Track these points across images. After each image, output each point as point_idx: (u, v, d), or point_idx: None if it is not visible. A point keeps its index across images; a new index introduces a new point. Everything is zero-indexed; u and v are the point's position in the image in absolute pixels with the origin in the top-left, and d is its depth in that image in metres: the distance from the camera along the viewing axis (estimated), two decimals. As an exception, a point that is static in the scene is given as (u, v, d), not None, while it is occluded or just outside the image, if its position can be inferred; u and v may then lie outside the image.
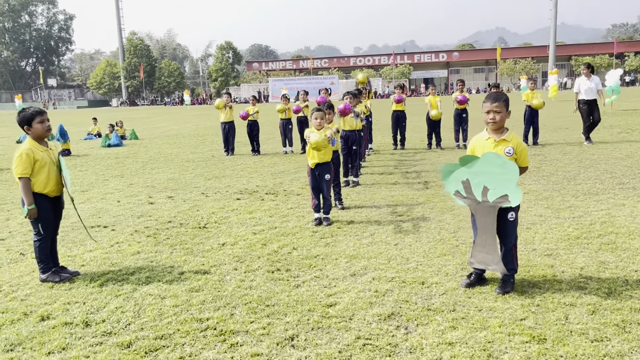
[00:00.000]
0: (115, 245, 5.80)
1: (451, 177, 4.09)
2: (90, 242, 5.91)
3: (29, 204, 4.45)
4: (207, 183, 9.56)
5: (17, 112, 4.63)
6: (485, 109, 3.98)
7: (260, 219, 6.70)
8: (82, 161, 13.43)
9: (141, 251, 5.53)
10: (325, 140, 6.17)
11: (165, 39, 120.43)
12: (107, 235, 6.24)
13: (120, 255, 5.43)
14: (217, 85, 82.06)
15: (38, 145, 4.55)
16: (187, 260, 5.17)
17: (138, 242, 5.85)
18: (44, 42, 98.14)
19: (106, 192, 9.09)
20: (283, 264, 4.95)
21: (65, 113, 57.40)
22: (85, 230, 5.86)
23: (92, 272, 4.91)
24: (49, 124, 4.68)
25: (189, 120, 31.76)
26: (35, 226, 4.59)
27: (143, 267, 4.99)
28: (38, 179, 4.47)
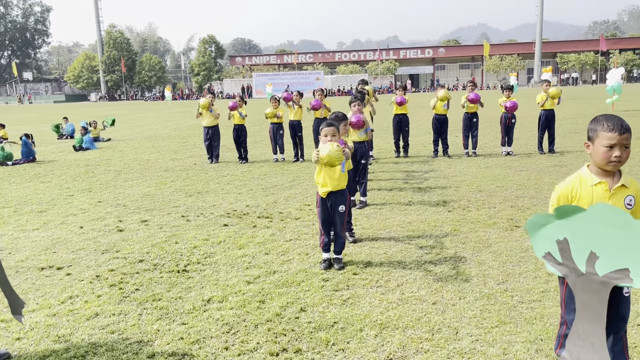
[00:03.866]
0: (67, 301, 4.46)
1: (541, 233, 2.83)
2: (35, 296, 4.57)
3: None
4: (189, 201, 8.22)
5: None
6: (607, 142, 2.71)
7: (254, 258, 5.41)
8: (47, 169, 11.97)
9: (100, 312, 4.21)
10: (340, 152, 4.87)
11: (146, 32, 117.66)
12: (60, 283, 4.89)
13: (72, 319, 4.10)
14: (199, 79, 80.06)
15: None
16: (161, 331, 3.86)
17: (98, 297, 4.52)
18: (20, 34, 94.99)
19: (69, 212, 7.70)
20: (290, 338, 3.68)
21: (41, 108, 55.18)
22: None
23: (28, 353, 3.58)
24: None
25: (170, 118, 30.18)
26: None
27: (99, 344, 3.68)
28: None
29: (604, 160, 2.73)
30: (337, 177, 5.03)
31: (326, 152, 4.82)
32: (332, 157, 4.81)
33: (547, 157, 11.15)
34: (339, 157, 4.85)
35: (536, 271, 4.75)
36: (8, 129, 20.22)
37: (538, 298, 4.20)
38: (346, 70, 76.58)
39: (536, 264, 4.89)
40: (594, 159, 2.81)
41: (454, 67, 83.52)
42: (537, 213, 2.82)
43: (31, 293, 4.66)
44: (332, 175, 5.03)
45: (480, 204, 7.34)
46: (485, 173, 9.63)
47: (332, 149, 4.81)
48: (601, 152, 2.72)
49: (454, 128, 14.28)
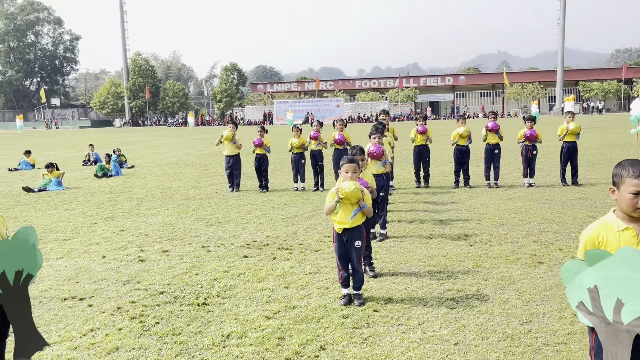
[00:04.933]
0: (89, 333, 4.50)
1: (575, 282, 2.77)
2: (57, 328, 4.62)
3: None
4: (209, 231, 8.27)
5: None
6: (633, 188, 2.65)
7: (274, 292, 5.40)
8: (72, 196, 12.19)
9: (121, 347, 4.22)
10: (359, 193, 4.90)
11: (170, 59, 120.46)
12: (82, 314, 4.94)
13: (92, 353, 4.12)
14: (221, 106, 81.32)
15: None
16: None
17: (119, 330, 4.54)
18: (49, 61, 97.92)
19: (92, 241, 7.81)
20: (309, 377, 3.64)
21: (68, 133, 56.45)
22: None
23: (50, 390, 3.60)
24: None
25: (192, 144, 30.61)
26: (-31, 333, 3.31)
27: (120, 380, 3.69)
28: (-28, 268, 3.18)
29: (630, 207, 2.68)
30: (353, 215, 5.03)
31: (346, 189, 4.86)
32: (350, 195, 4.87)
33: (570, 190, 11.00)
34: (356, 196, 4.90)
35: (561, 311, 4.64)
36: (35, 155, 20.73)
37: (564, 340, 4.10)
38: (366, 97, 77.09)
39: (561, 304, 4.79)
40: (619, 205, 2.76)
41: (474, 94, 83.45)
42: (571, 260, 2.77)
43: (53, 325, 4.71)
44: (348, 213, 5.03)
45: (502, 238, 7.25)
46: (507, 205, 9.52)
47: (352, 187, 4.85)
48: (627, 199, 2.68)
49: (475, 158, 14.20)
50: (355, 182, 4.98)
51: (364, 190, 5.05)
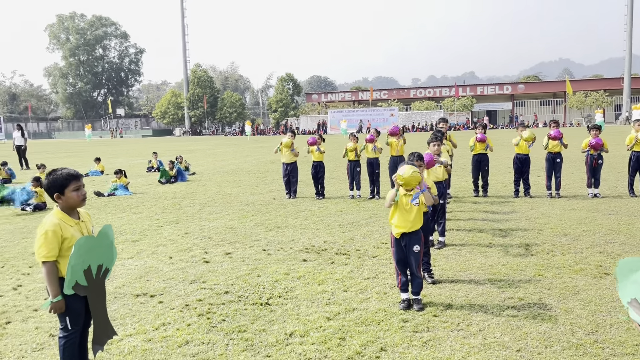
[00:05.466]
0: (161, 327, 4.77)
1: (631, 279, 2.74)
2: (132, 321, 4.92)
3: (54, 295, 3.47)
4: (269, 235, 8.51)
5: (46, 174, 3.72)
6: None
7: (333, 294, 5.52)
8: (138, 201, 12.80)
9: (191, 341, 4.46)
10: (418, 176, 4.99)
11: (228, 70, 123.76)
12: (153, 310, 5.23)
13: (165, 346, 4.37)
14: (276, 116, 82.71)
15: (68, 218, 3.60)
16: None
17: (188, 325, 4.79)
18: (115, 74, 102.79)
19: (159, 243, 8.20)
20: (371, 377, 3.73)
21: (131, 142, 58.97)
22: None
23: (128, 376, 3.86)
24: (85, 191, 3.74)
25: (249, 153, 31.33)
26: (62, 320, 3.61)
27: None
28: (67, 261, 3.48)
29: None
30: (411, 219, 5.09)
31: (403, 172, 4.96)
32: (408, 180, 4.96)
33: (639, 201, 10.55)
34: (416, 180, 4.97)
35: (630, 322, 4.52)
36: (102, 162, 21.82)
37: (632, 351, 4.00)
38: (421, 106, 76.37)
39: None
40: None
41: (534, 103, 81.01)
42: (629, 257, 2.75)
43: (128, 318, 5.02)
44: (407, 216, 5.09)
45: (565, 248, 7.08)
46: (570, 216, 9.26)
47: (409, 171, 4.94)
48: None
49: (535, 168, 13.86)
50: (412, 166, 5.07)
51: (423, 174, 5.10)
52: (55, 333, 4.67)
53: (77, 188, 3.61)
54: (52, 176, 3.61)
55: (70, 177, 3.60)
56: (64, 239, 3.49)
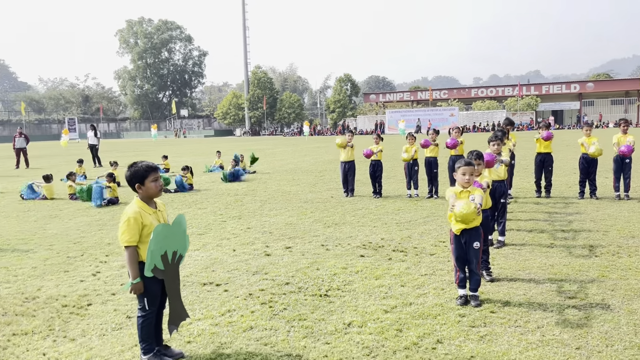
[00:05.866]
0: (226, 314, 5.06)
1: None
2: (200, 307, 5.24)
3: (134, 277, 3.81)
4: (327, 231, 8.71)
5: (128, 167, 4.07)
6: None
7: (390, 289, 5.65)
8: (203, 197, 13.36)
9: (255, 326, 4.72)
10: (474, 212, 4.94)
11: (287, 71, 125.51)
12: (219, 298, 5.54)
13: (230, 330, 4.65)
14: (334, 116, 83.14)
15: (147, 207, 3.93)
16: (307, 347, 4.24)
17: (252, 313, 5.06)
18: (179, 76, 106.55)
19: (222, 236, 8.59)
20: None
21: (194, 142, 61.02)
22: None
23: (197, 355, 4.15)
24: (162, 182, 4.07)
25: (307, 152, 31.77)
26: (141, 301, 3.94)
27: (255, 353, 4.15)
28: (146, 246, 3.81)
29: None
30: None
31: (460, 209, 4.91)
32: (467, 217, 4.92)
33: None
34: (473, 217, 4.94)
35: (698, 326, 4.38)
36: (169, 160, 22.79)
37: (699, 354, 3.89)
38: (482, 106, 74.58)
39: (698, 319, 4.51)
40: None
41: (604, 102, 77.25)
42: None
43: (196, 304, 5.35)
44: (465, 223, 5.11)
45: (632, 250, 6.86)
46: (639, 218, 8.92)
47: (468, 208, 4.90)
48: None
49: (603, 169, 13.35)
50: (467, 200, 5.02)
51: (479, 207, 5.03)
52: (132, 315, 5.06)
53: (155, 179, 3.94)
54: (133, 168, 3.95)
55: (150, 169, 3.93)
56: (143, 226, 3.82)
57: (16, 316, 5.17)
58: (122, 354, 4.22)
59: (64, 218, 10.77)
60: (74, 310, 5.28)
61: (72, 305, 5.43)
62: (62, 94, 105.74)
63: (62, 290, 5.94)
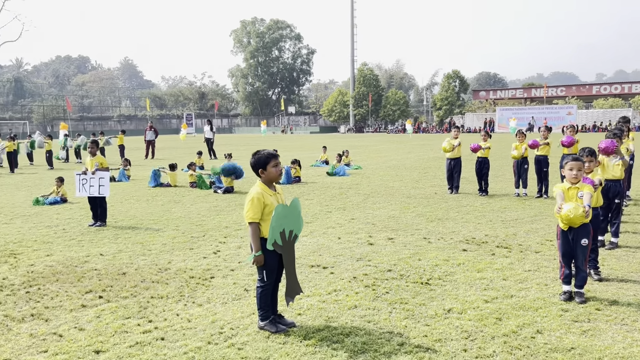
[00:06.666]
0: (332, 293, 5.48)
1: None
2: (308, 285, 5.71)
3: (256, 250, 4.34)
4: (429, 226, 8.87)
5: (252, 154, 4.60)
6: None
7: (492, 282, 5.74)
8: (309, 189, 14.00)
9: (359, 305, 5.08)
10: (582, 216, 4.90)
11: (393, 68, 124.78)
12: (326, 279, 5.98)
13: (336, 307, 5.05)
14: (440, 114, 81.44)
15: (268, 190, 4.44)
16: (408, 327, 4.52)
17: (356, 294, 5.43)
18: (288, 73, 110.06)
19: (328, 225, 9.06)
20: (525, 353, 3.96)
21: (300, 138, 62.97)
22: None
23: (308, 326, 4.60)
24: (282, 167, 4.56)
25: (411, 150, 31.65)
26: (260, 272, 4.47)
27: (360, 328, 4.51)
28: (267, 224, 4.32)
29: None
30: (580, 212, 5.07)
31: (567, 212, 4.90)
32: (574, 220, 4.91)
33: None
34: (581, 220, 4.91)
35: None
36: (278, 154, 23.89)
37: None
38: (605, 104, 69.15)
39: None
40: None
41: None
42: None
43: (305, 283, 5.82)
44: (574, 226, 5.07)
45: None
46: None
47: (576, 212, 4.87)
48: None
49: None
50: (576, 204, 4.98)
51: (588, 210, 4.97)
52: (249, 288, 5.65)
53: (276, 165, 4.44)
54: (257, 155, 4.48)
55: (271, 155, 4.44)
56: (265, 205, 4.33)
57: (153, 283, 5.97)
58: (242, 320, 4.78)
59: (186, 203, 11.87)
60: (200, 282, 5.98)
61: (198, 277, 6.15)
62: (181, 91, 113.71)
63: (188, 264, 6.71)
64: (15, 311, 5.14)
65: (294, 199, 4.52)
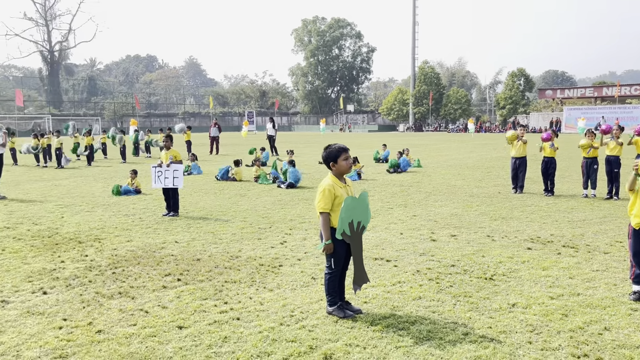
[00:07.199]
0: (397, 284, 5.65)
1: None
2: (373, 277, 5.90)
3: (326, 239, 4.58)
4: (493, 224, 8.84)
5: (323, 148, 4.84)
6: None
7: (558, 279, 5.73)
8: (370, 186, 14.16)
9: (423, 297, 5.23)
10: None
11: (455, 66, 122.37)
12: (390, 271, 6.16)
13: (401, 297, 5.23)
14: (504, 113, 79.21)
15: (338, 182, 4.67)
16: (472, 318, 4.64)
17: (420, 286, 5.58)
18: (348, 72, 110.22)
19: (390, 221, 9.21)
20: (592, 348, 4.00)
21: (359, 136, 63.07)
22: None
23: (374, 313, 4.80)
24: (351, 160, 4.78)
25: (473, 149, 31.09)
26: (328, 260, 4.71)
27: (424, 317, 4.67)
28: (337, 214, 4.55)
29: None
30: (656, 211, 5.00)
31: None
32: None
33: None
34: None
35: None
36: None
37: None
38: (685, 104, 65.04)
39: None
40: None
41: None
42: None
43: (370, 274, 6.00)
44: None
45: None
46: None
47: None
48: None
49: None
50: None
51: None
52: (316, 277, 5.91)
53: (346, 158, 4.66)
54: (328, 149, 4.72)
55: (341, 149, 4.67)
56: (335, 197, 4.57)
57: (225, 269, 6.35)
58: (311, 305, 5.05)
59: (252, 197, 12.33)
60: (269, 269, 6.30)
61: (267, 264, 6.48)
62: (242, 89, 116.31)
63: (257, 253, 7.06)
64: (104, 289, 5.63)
65: (362, 192, 4.73)
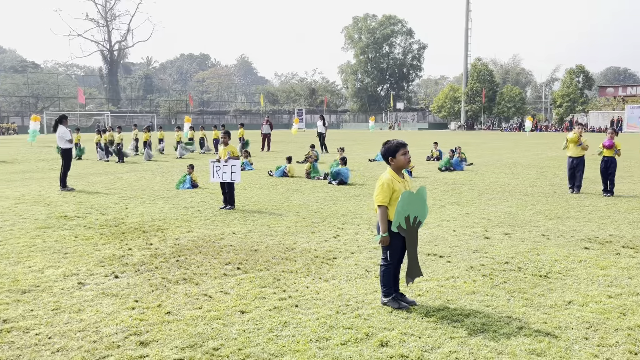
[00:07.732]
0: (450, 279, 5.73)
1: None
2: (426, 271, 6.00)
3: (384, 231, 4.73)
4: (548, 223, 8.72)
5: (382, 144, 4.98)
6: None
7: (616, 279, 5.65)
8: (420, 184, 14.16)
9: (476, 292, 5.30)
10: None
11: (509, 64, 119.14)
12: (443, 267, 6.24)
13: (455, 291, 5.31)
14: (560, 111, 76.57)
15: (396, 176, 4.81)
16: (527, 313, 4.68)
17: (474, 281, 5.64)
18: (398, 69, 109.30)
19: (442, 218, 9.24)
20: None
21: (408, 134, 62.53)
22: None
23: (428, 306, 4.91)
24: (410, 155, 4.91)
25: (528, 148, 30.35)
26: (384, 252, 4.86)
27: (478, 311, 4.74)
28: (394, 208, 4.69)
29: None
30: None
31: None
32: None
33: None
34: None
35: None
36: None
37: None
38: None
39: None
40: None
41: None
42: None
43: (423, 269, 6.07)
44: None
45: None
46: None
47: None
48: None
49: None
50: None
51: None
52: (370, 270, 6.07)
53: (404, 153, 4.80)
54: (387, 145, 4.86)
55: (400, 144, 4.80)
56: (393, 191, 4.71)
57: (282, 260, 6.60)
58: (366, 295, 5.21)
59: (304, 192, 12.59)
60: (324, 261, 6.51)
61: (322, 257, 6.69)
62: (292, 87, 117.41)
63: (312, 246, 7.28)
64: (170, 275, 5.99)
65: (421, 187, 4.85)
